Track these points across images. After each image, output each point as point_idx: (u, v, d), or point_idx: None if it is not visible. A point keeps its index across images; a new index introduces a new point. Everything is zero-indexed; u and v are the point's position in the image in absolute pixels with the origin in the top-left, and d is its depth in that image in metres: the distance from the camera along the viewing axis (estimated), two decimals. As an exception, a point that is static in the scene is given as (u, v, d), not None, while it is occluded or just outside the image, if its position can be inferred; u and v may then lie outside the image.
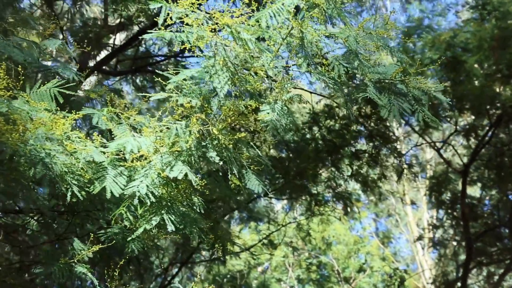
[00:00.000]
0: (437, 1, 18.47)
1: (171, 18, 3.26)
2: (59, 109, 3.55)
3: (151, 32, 3.38)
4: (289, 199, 13.97)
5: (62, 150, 3.17)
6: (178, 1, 3.27)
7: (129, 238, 3.95)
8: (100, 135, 3.74)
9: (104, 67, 10.20)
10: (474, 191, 17.79)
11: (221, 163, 3.47)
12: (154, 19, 9.00)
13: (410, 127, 14.68)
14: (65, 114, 3.42)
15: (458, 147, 16.38)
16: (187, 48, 3.32)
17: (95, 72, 10.03)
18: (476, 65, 12.20)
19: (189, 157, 3.45)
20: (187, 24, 3.28)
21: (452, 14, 16.04)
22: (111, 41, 10.55)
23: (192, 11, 3.24)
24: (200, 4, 3.28)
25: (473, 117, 13.99)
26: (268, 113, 3.68)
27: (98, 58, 10.29)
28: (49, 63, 5.15)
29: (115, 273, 4.01)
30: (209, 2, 3.37)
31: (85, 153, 3.35)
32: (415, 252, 24.92)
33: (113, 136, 3.93)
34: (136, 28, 10.58)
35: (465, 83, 12.24)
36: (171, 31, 3.35)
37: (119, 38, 11.27)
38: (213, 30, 3.29)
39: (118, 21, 10.15)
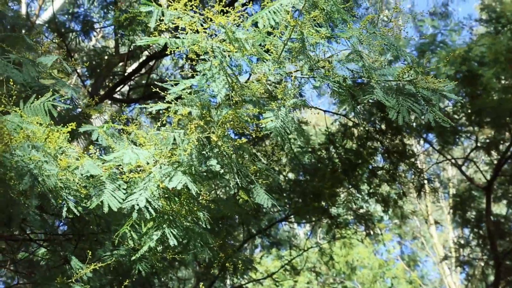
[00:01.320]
0: (449, 18, 18.27)
1: (165, 23, 3.16)
2: (53, 122, 3.45)
3: (146, 39, 3.28)
4: (309, 222, 13.73)
5: (55, 163, 3.05)
6: (170, 4, 3.17)
7: (133, 257, 3.80)
8: (99, 151, 3.63)
9: (116, 95, 10.19)
10: (499, 207, 17.35)
11: (222, 171, 3.31)
12: (165, 44, 9.02)
13: (429, 144, 14.41)
14: (59, 128, 3.30)
15: (480, 163, 16.02)
16: (183, 53, 3.21)
17: (108, 100, 10.02)
18: (493, 79, 11.98)
19: (189, 168, 3.31)
20: (182, 29, 3.18)
21: (466, 31, 15.82)
22: (122, 69, 10.58)
23: (186, 14, 3.13)
24: (193, 6, 3.17)
25: (493, 131, 13.69)
26: (271, 120, 3.54)
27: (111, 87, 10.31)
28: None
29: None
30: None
31: (81, 167, 3.22)
32: (443, 274, 24.30)
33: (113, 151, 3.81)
34: (146, 55, 10.60)
35: (482, 97, 12.02)
36: (171, 37, 3.25)
37: (131, 66, 11.30)
38: (209, 33, 3.17)
39: (128, 49, 10.17)
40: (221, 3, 3.06)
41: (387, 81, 3.51)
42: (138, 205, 3.19)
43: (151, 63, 10.19)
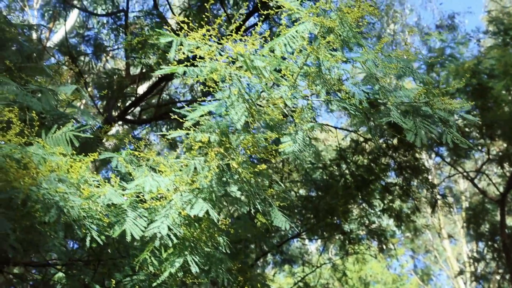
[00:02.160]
0: (456, 31, 18.30)
1: (183, 53, 3.20)
2: (75, 152, 3.49)
3: (164, 68, 3.33)
4: (322, 239, 13.67)
5: (78, 193, 3.09)
6: (189, 34, 3.22)
7: (154, 283, 3.81)
8: (120, 179, 3.65)
9: (128, 116, 10.27)
10: (513, 220, 17.21)
11: (243, 197, 3.33)
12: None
13: (441, 158, 14.36)
14: (81, 157, 3.34)
15: (493, 176, 15.93)
16: (201, 82, 3.25)
17: (120, 122, 10.10)
18: (503, 91, 11.96)
19: (210, 194, 3.33)
20: (200, 57, 3.22)
21: (474, 43, 15.83)
22: (134, 91, 10.67)
23: (204, 43, 3.18)
24: (211, 36, 3.22)
25: (505, 144, 13.64)
26: (289, 144, 3.57)
27: (122, 108, 10.38)
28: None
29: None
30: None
31: (103, 196, 3.25)
32: (457, 288, 24.07)
33: (133, 178, 3.85)
34: (157, 76, 10.69)
35: (493, 110, 12.00)
36: (185, 65, 3.29)
37: (143, 87, 11.39)
38: (226, 61, 3.21)
39: (139, 70, 10.26)
40: (234, 24, 3.11)
41: (404, 104, 3.53)
42: (160, 232, 3.21)
43: (161, 84, 10.27)
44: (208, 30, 3.16)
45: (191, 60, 3.28)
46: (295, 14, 3.38)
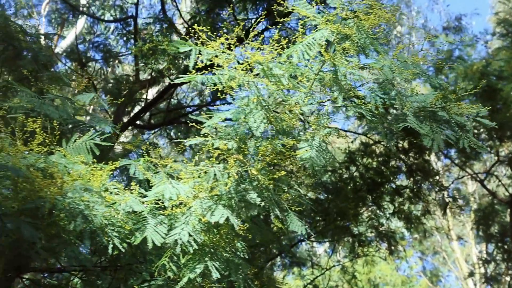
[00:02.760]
0: (463, 33, 18.29)
1: (201, 61, 3.24)
2: (95, 161, 3.53)
3: (182, 77, 3.36)
4: (331, 241, 13.67)
5: (101, 201, 3.13)
6: (207, 44, 3.25)
7: (173, 289, 3.83)
8: (138, 185, 3.69)
9: (137, 122, 10.32)
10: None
11: (262, 204, 3.36)
12: (187, 70, 9.16)
13: (450, 160, 14.34)
14: (102, 166, 3.38)
15: (502, 177, 15.90)
16: (219, 90, 3.28)
17: (130, 127, 10.15)
18: (512, 92, 11.98)
19: (229, 201, 3.36)
20: (218, 66, 3.26)
21: (481, 45, 15.84)
22: (143, 96, 10.73)
23: (222, 52, 3.22)
24: (230, 44, 3.26)
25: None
26: (306, 150, 3.60)
27: (132, 114, 10.44)
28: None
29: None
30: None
31: (124, 204, 3.29)
32: (467, 290, 24.00)
33: (151, 185, 3.88)
34: (167, 81, 10.75)
35: (502, 112, 12.00)
36: (202, 73, 3.33)
37: (151, 92, 11.44)
38: (244, 69, 3.24)
39: (149, 76, 10.32)
40: (252, 33, 3.14)
41: (422, 109, 3.56)
42: (181, 239, 3.24)
43: (171, 90, 10.32)
44: (226, 39, 3.19)
45: (208, 68, 3.31)
46: (311, 21, 3.41)
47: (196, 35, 3.29)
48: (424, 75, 3.62)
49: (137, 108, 11.19)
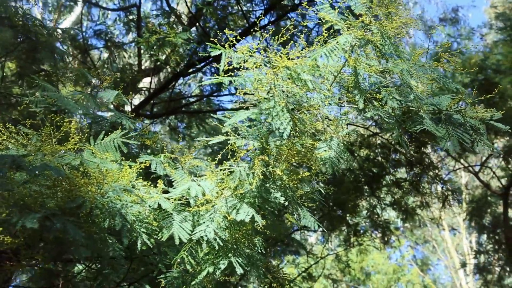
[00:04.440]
0: (460, 25, 18.41)
1: (229, 64, 3.33)
2: (123, 158, 3.62)
3: (209, 78, 3.45)
4: (328, 231, 13.85)
5: (133, 200, 3.23)
6: (236, 47, 3.34)
7: (193, 283, 3.95)
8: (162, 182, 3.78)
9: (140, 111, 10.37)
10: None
11: (286, 203, 3.48)
12: (192, 62, 9.20)
13: (446, 152, 14.52)
14: (130, 163, 3.47)
15: (496, 169, 16.13)
16: (246, 92, 3.37)
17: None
18: (509, 86, 12.12)
19: (253, 199, 3.47)
20: (246, 68, 3.35)
21: (477, 37, 15.97)
22: (146, 85, 10.78)
23: (251, 55, 3.31)
24: (258, 49, 3.35)
25: (507, 138, 13.81)
26: (325, 150, 3.72)
27: (132, 103, 10.49)
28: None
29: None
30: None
31: (152, 201, 3.39)
32: (456, 279, 24.37)
33: (171, 180, 3.97)
34: (169, 70, 10.80)
35: (499, 105, 12.15)
36: (230, 75, 3.41)
37: (154, 81, 11.48)
38: (272, 73, 3.34)
39: (152, 65, 10.36)
40: (282, 38, 3.23)
41: (440, 111, 3.67)
42: (206, 236, 3.35)
43: (175, 80, 10.37)
44: (257, 44, 3.28)
45: (235, 70, 3.40)
46: (335, 26, 3.50)
47: (224, 37, 3.37)
48: (442, 79, 3.73)
49: (137, 97, 11.25)
